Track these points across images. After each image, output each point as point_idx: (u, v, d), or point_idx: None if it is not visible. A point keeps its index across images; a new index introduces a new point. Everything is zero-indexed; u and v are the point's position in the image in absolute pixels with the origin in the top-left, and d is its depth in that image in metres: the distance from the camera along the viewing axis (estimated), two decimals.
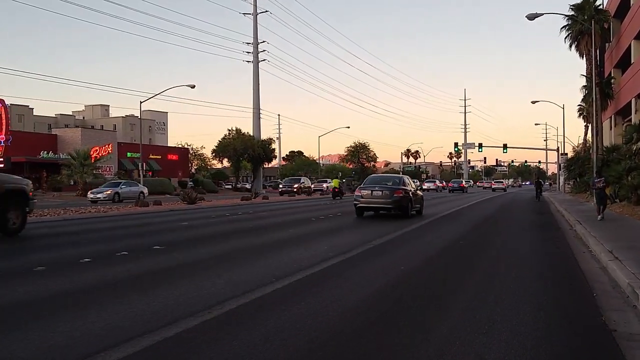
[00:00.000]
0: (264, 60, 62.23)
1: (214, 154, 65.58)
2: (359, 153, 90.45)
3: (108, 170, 55.05)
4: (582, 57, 40.05)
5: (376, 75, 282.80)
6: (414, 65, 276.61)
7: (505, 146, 65.33)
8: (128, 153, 61.66)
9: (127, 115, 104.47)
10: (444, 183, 76.62)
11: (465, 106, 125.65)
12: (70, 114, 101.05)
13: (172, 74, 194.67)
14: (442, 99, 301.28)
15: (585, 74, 40.63)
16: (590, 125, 58.74)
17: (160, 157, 67.15)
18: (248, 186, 66.01)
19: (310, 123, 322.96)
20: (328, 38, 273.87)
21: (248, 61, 61.27)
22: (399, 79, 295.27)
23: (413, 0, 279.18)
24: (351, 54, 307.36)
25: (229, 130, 64.34)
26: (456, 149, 65.63)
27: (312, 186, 53.70)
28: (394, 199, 17.48)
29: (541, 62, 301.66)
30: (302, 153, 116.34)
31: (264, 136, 65.30)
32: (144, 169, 48.81)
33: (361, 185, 19.82)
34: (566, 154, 54.16)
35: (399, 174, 38.56)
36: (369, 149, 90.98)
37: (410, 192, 18.27)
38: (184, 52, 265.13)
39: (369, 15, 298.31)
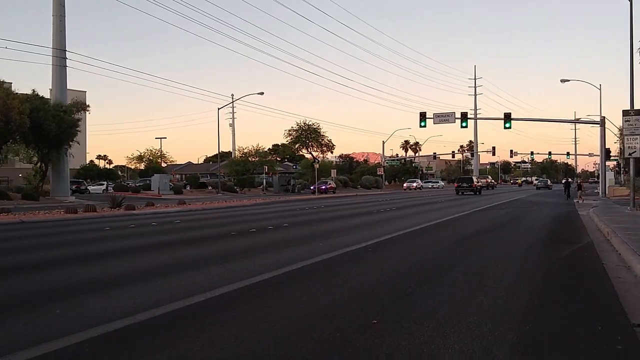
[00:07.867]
0: None
1: None
2: (308, 139, 69.65)
3: None
4: None
5: (348, 36, 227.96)
6: (402, 28, 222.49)
7: (508, 117, 42.12)
8: None
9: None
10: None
11: (475, 87, 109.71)
12: None
13: None
14: (442, 72, 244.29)
15: None
16: None
17: None
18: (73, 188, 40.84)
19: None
20: None
21: None
22: (384, 44, 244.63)
23: None
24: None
25: None
26: (422, 124, 41.49)
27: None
28: (547, 187, 73.26)
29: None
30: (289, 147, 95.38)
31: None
32: None
33: (536, 180, 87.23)
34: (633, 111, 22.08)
35: (380, 170, 76.77)
36: (320, 133, 70.26)
37: (549, 184, 77.26)
38: None
39: None
